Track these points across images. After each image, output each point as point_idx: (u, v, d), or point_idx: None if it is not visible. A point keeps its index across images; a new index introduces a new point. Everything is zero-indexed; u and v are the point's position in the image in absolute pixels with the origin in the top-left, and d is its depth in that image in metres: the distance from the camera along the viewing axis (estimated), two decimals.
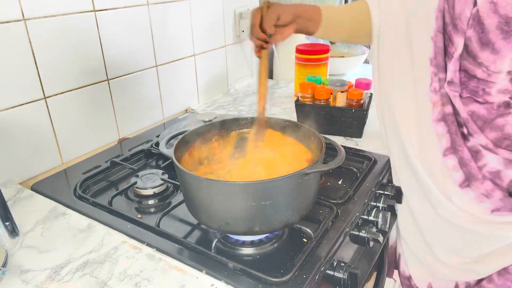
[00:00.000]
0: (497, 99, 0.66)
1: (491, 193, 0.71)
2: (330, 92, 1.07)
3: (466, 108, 0.69)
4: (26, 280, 0.60)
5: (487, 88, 0.66)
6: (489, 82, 0.66)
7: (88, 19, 0.94)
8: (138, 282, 0.59)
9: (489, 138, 0.69)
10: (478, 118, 0.69)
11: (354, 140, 1.05)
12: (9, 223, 0.55)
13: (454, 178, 0.74)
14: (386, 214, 0.85)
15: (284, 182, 0.60)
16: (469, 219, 0.75)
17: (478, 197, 0.73)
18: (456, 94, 0.69)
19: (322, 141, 0.68)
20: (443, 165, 0.74)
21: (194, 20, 1.24)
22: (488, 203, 0.72)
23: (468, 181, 0.73)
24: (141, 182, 0.84)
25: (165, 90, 1.20)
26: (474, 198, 0.73)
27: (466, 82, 0.68)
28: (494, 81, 0.65)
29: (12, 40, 0.80)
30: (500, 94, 0.66)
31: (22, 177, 0.88)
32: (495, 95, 0.66)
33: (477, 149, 0.71)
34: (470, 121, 0.69)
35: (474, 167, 0.71)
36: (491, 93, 0.66)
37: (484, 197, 0.72)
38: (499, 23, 0.62)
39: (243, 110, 1.29)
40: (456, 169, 0.73)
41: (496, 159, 0.70)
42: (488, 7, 0.62)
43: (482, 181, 0.72)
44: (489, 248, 0.77)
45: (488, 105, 0.67)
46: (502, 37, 0.62)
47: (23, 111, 0.85)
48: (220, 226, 0.63)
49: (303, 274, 0.60)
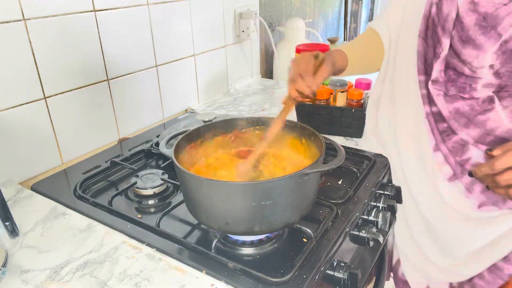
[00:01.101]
0: (482, 94, 0.69)
1: (472, 187, 0.73)
2: (330, 92, 1.07)
3: (450, 106, 0.71)
4: (26, 280, 0.60)
5: (473, 83, 0.69)
6: (475, 78, 0.68)
7: (88, 19, 0.94)
8: (138, 282, 0.59)
9: (471, 135, 0.70)
10: (462, 116, 0.71)
11: (354, 140, 1.05)
12: (9, 223, 0.55)
13: (443, 172, 0.75)
14: (386, 214, 0.85)
15: (284, 182, 0.60)
16: (457, 216, 0.76)
17: (464, 191, 0.74)
18: (440, 92, 0.71)
19: (322, 141, 0.68)
20: (433, 160, 0.76)
21: (194, 20, 1.24)
22: (472, 198, 0.73)
23: (455, 175, 0.74)
24: (141, 182, 0.84)
25: (165, 90, 1.20)
26: (462, 192, 0.74)
27: (456, 79, 0.70)
28: (480, 76, 0.67)
29: (12, 40, 0.80)
30: (485, 89, 0.68)
31: (22, 177, 0.88)
32: (481, 90, 0.68)
33: (462, 144, 0.72)
34: (452, 118, 0.71)
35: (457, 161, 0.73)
36: (477, 88, 0.69)
37: (467, 191, 0.74)
38: (477, 20, 0.64)
39: (243, 110, 1.29)
40: (444, 164, 0.75)
41: (479, 154, 0.71)
42: (467, 7, 0.65)
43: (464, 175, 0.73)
44: (477, 245, 0.77)
45: (473, 101, 0.69)
46: (481, 32, 0.64)
47: (23, 111, 0.85)
48: (220, 226, 0.63)
49: (303, 274, 0.60)
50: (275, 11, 1.78)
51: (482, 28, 0.64)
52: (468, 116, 0.70)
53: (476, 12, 0.64)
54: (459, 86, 0.70)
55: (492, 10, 0.62)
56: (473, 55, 0.66)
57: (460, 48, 0.67)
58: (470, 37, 0.66)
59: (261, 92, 1.47)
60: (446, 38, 0.69)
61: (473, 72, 0.68)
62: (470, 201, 0.74)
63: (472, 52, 0.66)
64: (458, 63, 0.69)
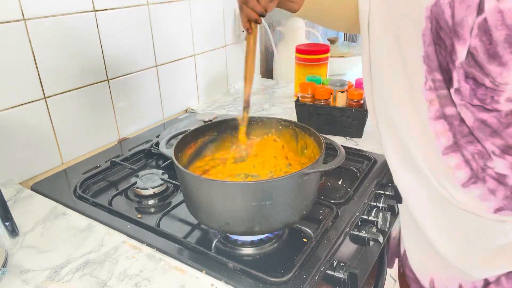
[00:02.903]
0: (505, 108, 0.66)
1: (495, 192, 0.71)
2: (330, 92, 1.07)
3: (475, 116, 0.69)
4: (26, 280, 0.60)
5: (495, 96, 0.66)
6: (497, 91, 0.65)
7: (88, 19, 0.94)
8: (138, 282, 0.59)
9: (496, 145, 0.69)
10: (487, 127, 0.69)
11: (354, 140, 1.05)
12: (9, 223, 0.55)
13: (457, 177, 0.73)
14: (386, 214, 0.85)
15: (284, 182, 0.60)
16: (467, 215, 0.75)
17: (481, 195, 0.73)
18: (463, 103, 0.69)
19: (322, 141, 0.68)
20: (443, 163, 0.74)
21: (194, 20, 1.24)
22: (491, 201, 0.72)
23: (472, 179, 0.73)
24: (141, 182, 0.84)
25: (165, 90, 1.20)
26: (478, 196, 0.73)
27: (475, 89, 0.67)
28: (503, 90, 0.65)
29: (12, 40, 0.80)
30: (509, 103, 0.66)
31: (22, 177, 0.88)
32: (504, 103, 0.66)
33: (484, 153, 0.70)
34: (477, 129, 0.69)
35: (478, 167, 0.71)
36: (500, 101, 0.66)
37: (488, 195, 0.72)
38: (507, 36, 0.60)
39: None
40: (459, 168, 0.73)
41: (503, 163, 0.69)
42: (496, 18, 0.60)
43: (486, 181, 0.72)
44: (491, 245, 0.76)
45: (496, 113, 0.67)
46: (510, 50, 0.61)
47: (23, 111, 0.85)
48: (220, 226, 0.63)
49: (303, 274, 0.60)
50: (275, 11, 1.77)
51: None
52: (495, 128, 0.68)
53: (504, 25, 0.60)
54: (479, 97, 0.67)
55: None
56: (497, 71, 0.63)
57: (484, 61, 0.64)
58: (498, 53, 0.62)
59: (261, 92, 1.47)
60: (461, 46, 0.65)
61: (496, 86, 0.65)
62: (487, 204, 0.72)
63: (497, 68, 0.63)
64: (478, 73, 0.65)
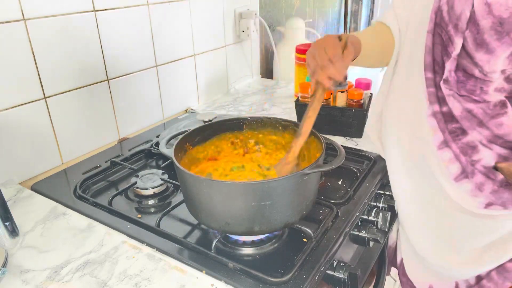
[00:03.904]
0: (493, 98, 0.68)
1: (483, 187, 0.72)
2: (330, 92, 1.07)
3: (462, 106, 0.70)
4: (26, 280, 0.60)
5: (485, 86, 0.68)
6: (486, 81, 0.67)
7: (88, 19, 0.94)
8: (138, 282, 0.59)
9: (484, 134, 0.70)
10: (474, 117, 0.70)
11: (354, 140, 1.05)
12: (9, 223, 0.55)
13: (450, 171, 0.74)
14: (386, 214, 0.85)
15: (284, 182, 0.60)
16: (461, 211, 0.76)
17: (472, 190, 0.73)
18: (451, 92, 0.70)
19: (322, 141, 0.68)
20: (439, 157, 0.75)
21: (194, 20, 1.24)
22: (481, 197, 0.73)
23: (463, 173, 0.74)
24: (141, 182, 0.84)
25: (165, 90, 1.20)
26: (469, 191, 0.74)
27: (465, 81, 0.69)
28: (491, 80, 0.66)
29: (12, 40, 0.80)
30: (497, 93, 0.67)
31: (22, 177, 0.88)
32: (492, 93, 0.67)
33: (473, 144, 0.71)
34: (464, 118, 0.70)
35: (467, 161, 0.72)
36: (489, 92, 0.68)
37: (477, 190, 0.73)
38: (493, 24, 0.63)
39: (243, 110, 1.29)
40: (452, 162, 0.74)
41: (490, 154, 0.70)
42: (483, 9, 0.63)
43: (474, 175, 0.72)
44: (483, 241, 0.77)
45: (484, 104, 0.68)
46: (496, 37, 0.63)
47: (23, 111, 0.85)
48: (220, 226, 0.63)
49: (303, 274, 0.60)
50: (275, 11, 1.78)
51: (498, 33, 0.63)
52: (481, 118, 0.69)
53: (491, 15, 0.63)
54: (468, 88, 0.69)
55: (507, 15, 0.61)
56: (484, 59, 0.65)
57: (473, 51, 0.66)
58: (484, 40, 0.64)
59: (261, 92, 1.47)
60: (459, 38, 0.67)
61: (484, 75, 0.67)
62: (477, 200, 0.73)
63: (484, 56, 0.65)
64: (469, 64, 0.68)
